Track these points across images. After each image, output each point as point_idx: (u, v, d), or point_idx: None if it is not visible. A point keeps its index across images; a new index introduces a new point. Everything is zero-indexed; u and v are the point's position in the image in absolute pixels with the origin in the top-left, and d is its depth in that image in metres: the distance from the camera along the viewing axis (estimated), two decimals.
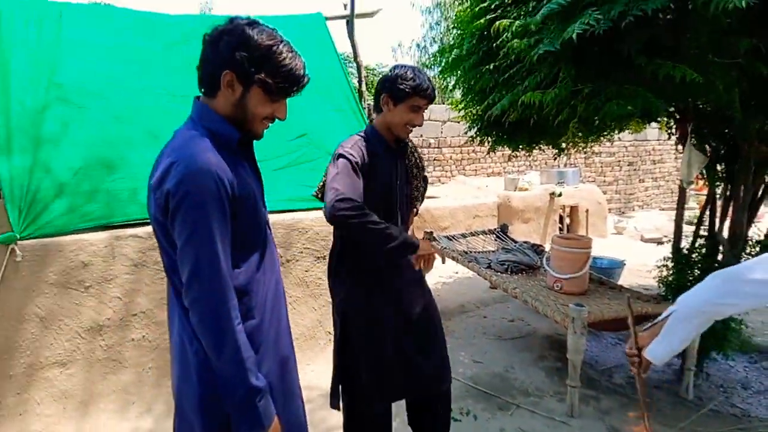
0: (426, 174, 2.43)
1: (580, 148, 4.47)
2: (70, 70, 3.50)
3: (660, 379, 3.37)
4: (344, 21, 5.49)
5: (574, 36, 2.12)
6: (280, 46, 1.26)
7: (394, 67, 1.99)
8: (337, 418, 2.86)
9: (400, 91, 1.92)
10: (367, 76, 18.41)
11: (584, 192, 7.94)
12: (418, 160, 2.28)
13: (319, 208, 3.64)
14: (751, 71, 2.35)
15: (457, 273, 5.75)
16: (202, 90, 1.30)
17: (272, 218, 3.33)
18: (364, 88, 5.55)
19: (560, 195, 7.44)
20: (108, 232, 2.98)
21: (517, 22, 2.51)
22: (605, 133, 4.01)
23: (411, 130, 2.05)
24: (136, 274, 2.96)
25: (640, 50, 2.25)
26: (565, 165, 9.54)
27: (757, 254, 3.35)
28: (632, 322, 1.56)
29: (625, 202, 10.60)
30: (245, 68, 1.22)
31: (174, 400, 1.33)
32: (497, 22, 2.60)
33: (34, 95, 3.30)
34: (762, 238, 3.41)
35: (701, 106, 3.30)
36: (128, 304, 2.91)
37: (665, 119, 3.86)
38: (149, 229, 2.81)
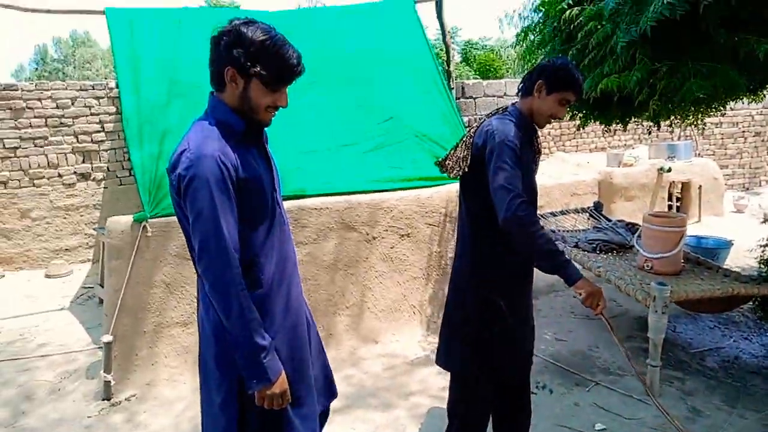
0: None
1: (690, 121, 4.20)
2: (187, 69, 3.99)
3: (759, 365, 3.19)
4: (434, 2, 5.56)
5: (648, 30, 2.08)
6: (273, 40, 1.38)
7: (557, 59, 2.01)
8: (417, 384, 3.09)
9: (559, 80, 1.93)
10: (469, 51, 18.14)
11: (697, 167, 7.35)
12: (539, 145, 2.24)
13: (406, 189, 3.85)
14: None
15: None
16: (213, 86, 1.46)
17: (359, 198, 3.60)
18: (452, 68, 5.61)
19: (669, 170, 6.95)
20: None
21: (588, 9, 2.48)
22: (714, 105, 3.74)
23: (551, 122, 2.09)
24: None
25: (719, 25, 2.15)
26: (678, 138, 8.84)
27: None
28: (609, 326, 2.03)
29: (751, 177, 9.59)
30: (243, 63, 1.36)
31: (199, 362, 1.54)
32: (568, 11, 2.59)
33: (158, 92, 3.82)
34: None
35: None
36: None
37: None
38: None
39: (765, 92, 3.72)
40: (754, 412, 2.67)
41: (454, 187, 3.78)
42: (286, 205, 3.34)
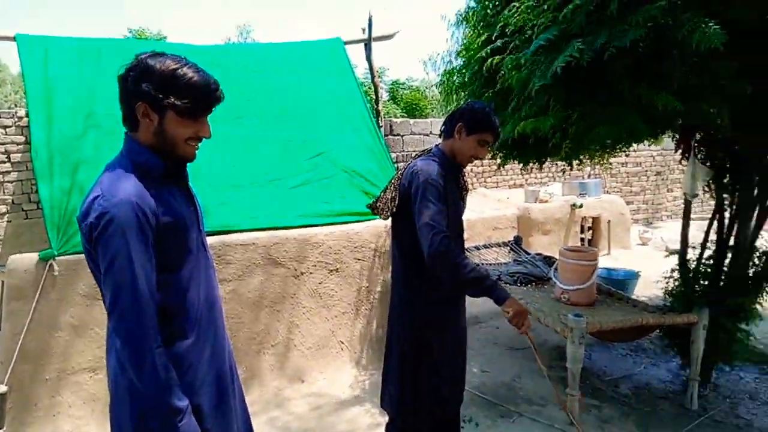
0: None
1: (597, 161, 4.54)
2: (104, 100, 3.82)
3: (666, 390, 3.41)
4: (363, 44, 5.72)
5: (558, 70, 2.26)
6: (184, 69, 1.32)
7: (475, 103, 2.16)
8: (345, 424, 3.03)
9: (477, 123, 2.06)
10: (396, 90, 18.67)
11: (606, 203, 7.91)
12: (465, 183, 2.37)
13: (334, 224, 3.85)
14: (738, 89, 2.42)
15: None
16: (126, 126, 1.38)
17: (287, 233, 3.55)
18: (380, 106, 5.76)
19: (581, 206, 7.44)
20: None
21: (509, 57, 2.67)
22: (618, 147, 4.07)
23: (472, 162, 2.20)
24: None
25: (624, 75, 2.37)
26: (589, 176, 9.50)
27: (763, 265, 3.36)
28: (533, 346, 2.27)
29: (653, 212, 10.44)
30: (154, 96, 1.30)
31: (111, 425, 1.41)
32: (490, 59, 2.76)
33: (73, 123, 3.62)
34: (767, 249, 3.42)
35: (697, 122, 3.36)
36: None
37: (671, 133, 3.91)
38: None
39: (664, 136, 4.11)
40: None
41: (383, 222, 3.84)
42: (210, 240, 3.26)
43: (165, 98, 1.31)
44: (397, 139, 7.86)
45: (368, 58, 5.70)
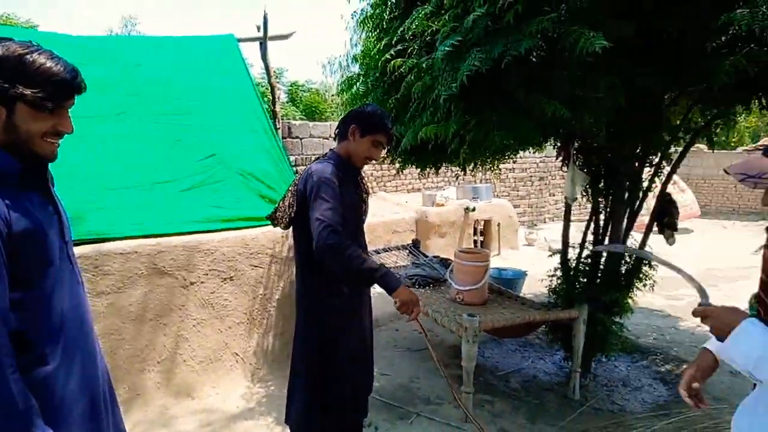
0: None
1: (489, 167, 4.76)
2: None
3: (551, 381, 3.63)
4: (258, 42, 5.54)
5: (465, 79, 2.33)
6: (34, 55, 1.18)
7: (366, 105, 2.22)
8: None
9: (370, 124, 2.10)
10: (295, 92, 18.42)
11: (496, 206, 8.35)
12: (366, 187, 2.40)
13: (228, 229, 3.66)
14: (613, 102, 2.64)
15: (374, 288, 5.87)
16: None
17: (174, 240, 3.31)
18: (278, 108, 5.61)
19: (474, 210, 7.79)
20: None
21: (410, 61, 2.69)
22: (507, 154, 4.30)
23: (368, 163, 2.23)
24: None
25: (519, 84, 2.49)
26: (480, 181, 9.99)
27: (633, 263, 3.70)
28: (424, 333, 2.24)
29: (537, 214, 11.22)
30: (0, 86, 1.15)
31: None
32: (393, 62, 2.78)
33: None
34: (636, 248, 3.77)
35: (581, 131, 3.64)
36: None
37: (553, 141, 4.20)
38: None
39: (547, 144, 4.40)
40: (551, 426, 3.00)
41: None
42: (84, 249, 2.96)
43: (11, 88, 1.15)
44: (296, 141, 7.72)
45: (264, 58, 5.53)
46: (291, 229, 2.26)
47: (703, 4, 2.41)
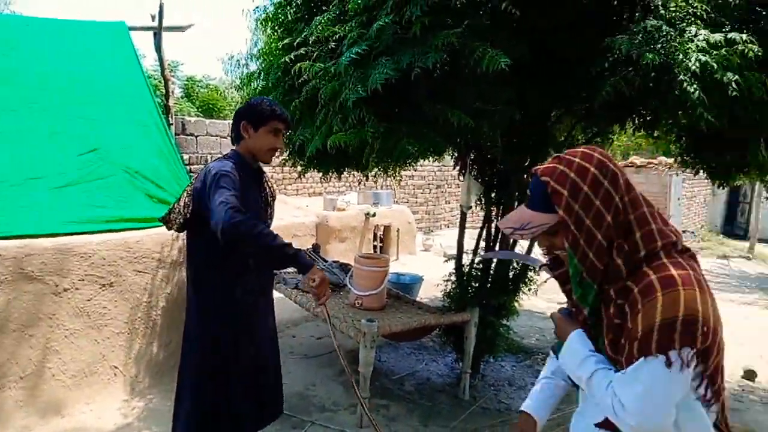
0: None
1: (391, 173, 4.83)
2: None
3: (443, 383, 3.75)
4: (152, 33, 5.19)
5: (378, 86, 2.33)
6: None
7: (250, 100, 2.15)
8: None
9: (259, 115, 2.03)
10: (191, 87, 17.54)
11: (396, 212, 8.52)
12: (271, 190, 2.33)
13: (110, 231, 3.37)
14: (509, 115, 2.79)
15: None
16: None
17: (45, 242, 3.00)
18: (172, 102, 5.29)
19: (374, 215, 7.87)
20: None
21: (318, 64, 2.66)
22: (409, 161, 4.39)
23: (274, 155, 2.14)
24: None
25: (426, 95, 2.55)
26: (381, 187, 10.14)
27: (520, 269, 3.94)
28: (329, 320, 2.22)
29: (434, 221, 11.62)
30: None
31: None
32: (298, 64, 2.72)
33: None
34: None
35: (480, 142, 3.82)
36: None
37: (451, 152, 4.36)
38: None
39: (446, 154, 4.56)
40: (443, 427, 3.09)
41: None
42: None
43: None
44: (190, 139, 7.31)
45: (158, 49, 5.19)
46: (185, 232, 2.14)
47: (589, 32, 2.63)
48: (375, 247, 8.11)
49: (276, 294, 4.50)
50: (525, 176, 3.95)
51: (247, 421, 2.12)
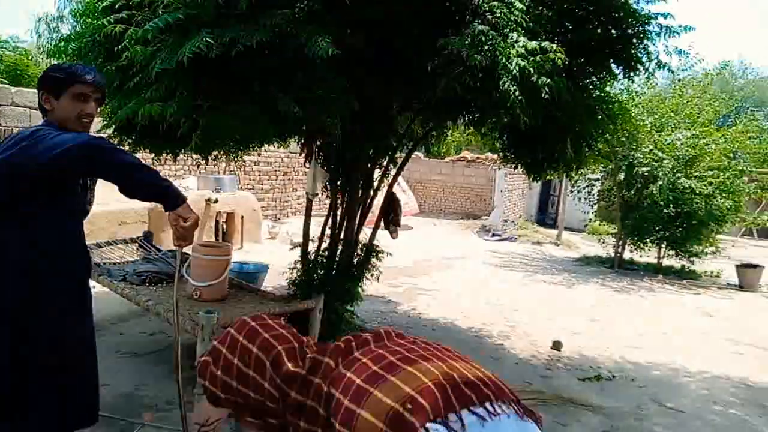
0: None
1: (233, 158, 4.61)
2: None
3: None
4: None
5: (185, 59, 2.17)
6: None
7: (45, 71, 1.94)
8: None
9: (55, 83, 1.83)
10: None
11: (241, 199, 8.21)
12: None
13: None
14: (346, 104, 2.82)
15: (94, 287, 5.13)
16: None
17: None
18: None
19: (216, 201, 7.49)
20: None
21: (132, 29, 2.41)
22: (252, 145, 4.22)
23: (88, 123, 1.91)
24: None
25: (254, 75, 2.44)
26: (224, 172, 9.68)
27: (364, 255, 4.06)
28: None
29: (281, 209, 11.45)
30: None
31: None
32: (110, 27, 2.45)
33: None
34: (366, 241, 4.15)
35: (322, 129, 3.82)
36: None
37: (297, 138, 4.31)
38: None
39: (291, 140, 4.49)
40: None
41: None
42: None
43: None
44: None
45: None
46: None
47: (421, 29, 2.76)
48: (217, 235, 7.73)
49: (100, 288, 4.07)
50: (368, 165, 4.08)
51: None
